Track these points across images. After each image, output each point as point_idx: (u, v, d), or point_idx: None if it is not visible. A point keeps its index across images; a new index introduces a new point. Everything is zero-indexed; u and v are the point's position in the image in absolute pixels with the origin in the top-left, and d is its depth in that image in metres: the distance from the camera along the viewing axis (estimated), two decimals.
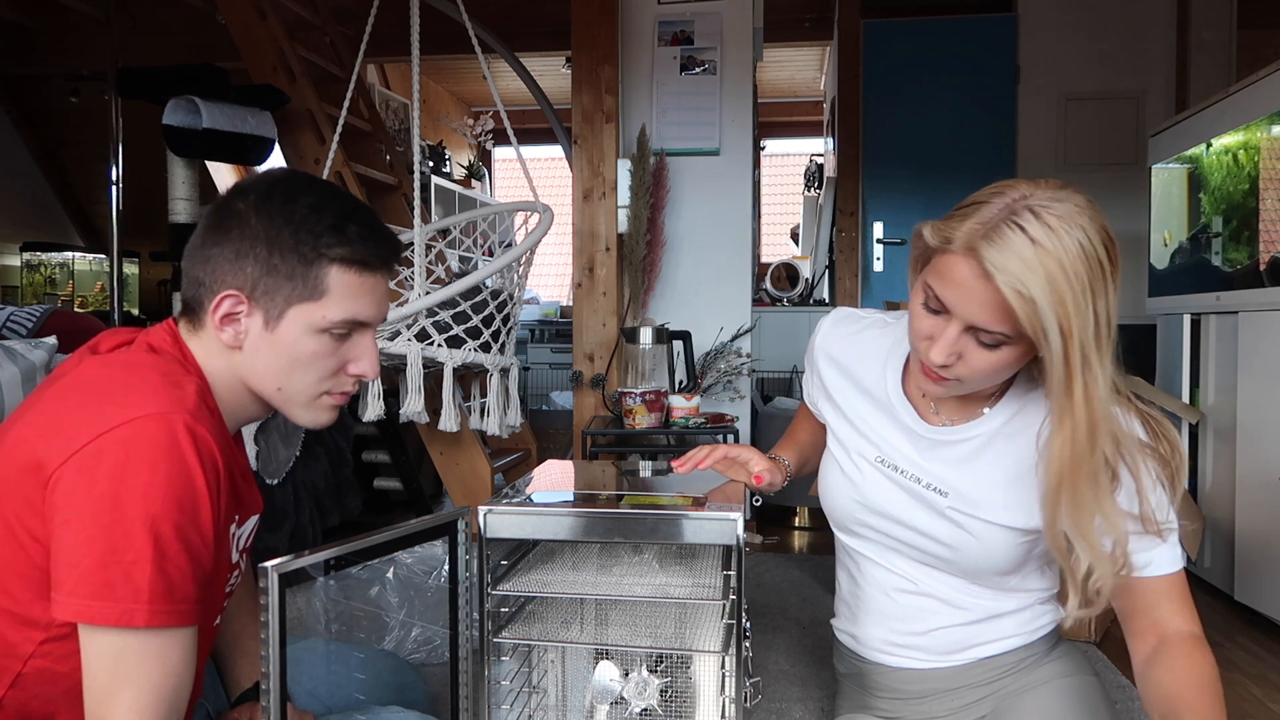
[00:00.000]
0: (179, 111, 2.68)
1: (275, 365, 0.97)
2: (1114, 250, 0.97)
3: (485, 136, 6.31)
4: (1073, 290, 0.92)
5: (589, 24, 3.02)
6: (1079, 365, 0.94)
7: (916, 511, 1.14)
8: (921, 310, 1.03)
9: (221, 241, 0.95)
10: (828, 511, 1.27)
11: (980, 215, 0.95)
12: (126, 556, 0.81)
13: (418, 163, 2.55)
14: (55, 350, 2.00)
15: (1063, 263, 0.92)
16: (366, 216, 1.00)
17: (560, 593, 1.12)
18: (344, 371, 1.02)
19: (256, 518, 1.08)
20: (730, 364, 3.10)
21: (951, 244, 0.97)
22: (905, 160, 4.17)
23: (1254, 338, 2.24)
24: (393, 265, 1.03)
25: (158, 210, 3.13)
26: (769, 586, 2.42)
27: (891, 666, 1.21)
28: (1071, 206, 0.94)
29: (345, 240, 0.96)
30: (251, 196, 0.96)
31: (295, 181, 0.99)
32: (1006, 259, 0.92)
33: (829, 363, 1.27)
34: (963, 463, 1.12)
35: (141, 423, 0.83)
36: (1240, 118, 2.30)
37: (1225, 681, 1.03)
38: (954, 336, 0.99)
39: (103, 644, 0.83)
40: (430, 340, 2.37)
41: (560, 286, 7.46)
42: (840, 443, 1.24)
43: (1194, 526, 2.37)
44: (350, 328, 0.99)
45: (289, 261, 0.94)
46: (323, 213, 0.96)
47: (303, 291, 0.95)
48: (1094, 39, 4.02)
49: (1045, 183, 0.98)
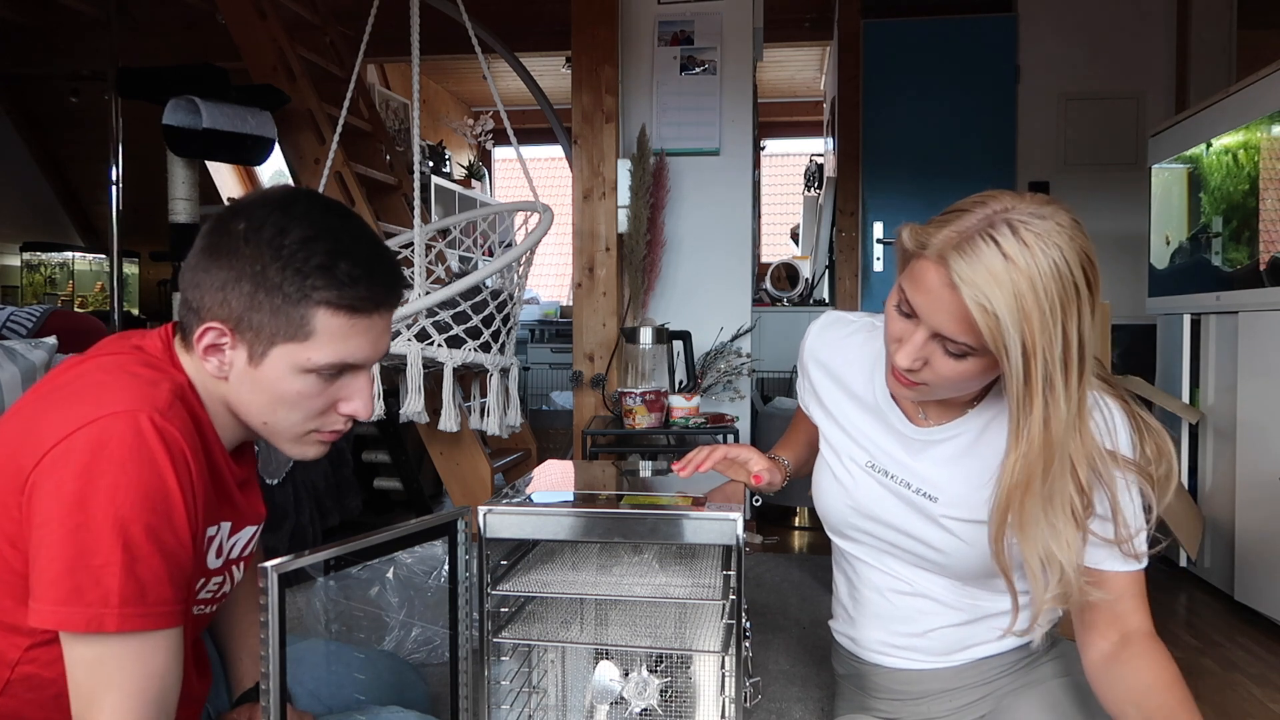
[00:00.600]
0: (179, 111, 2.68)
1: (259, 401, 0.94)
2: (1093, 273, 0.94)
3: (485, 136, 6.31)
4: (1041, 309, 0.90)
5: (589, 24, 3.02)
6: (1040, 385, 0.93)
7: (908, 516, 1.14)
8: (894, 312, 1.03)
9: (210, 267, 0.90)
10: (822, 516, 1.27)
11: (959, 224, 0.94)
12: (95, 560, 0.79)
13: (418, 163, 2.55)
14: (55, 350, 2.00)
15: (1033, 280, 0.90)
16: (364, 252, 0.93)
17: (560, 593, 1.13)
18: (334, 410, 0.97)
19: (254, 529, 1.07)
20: (730, 364, 3.10)
21: (926, 250, 0.96)
22: (905, 160, 4.17)
23: (1254, 338, 2.24)
24: (394, 304, 0.97)
25: (158, 210, 3.13)
26: (769, 586, 2.42)
27: (889, 667, 1.21)
28: (1052, 225, 0.92)
29: (334, 282, 0.89)
30: (243, 224, 0.90)
31: (292, 208, 0.91)
32: (974, 271, 0.91)
33: (818, 368, 1.27)
34: (951, 461, 1.12)
35: (107, 421, 0.81)
36: (1240, 118, 2.30)
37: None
38: (920, 342, 0.99)
39: (82, 650, 0.82)
40: (430, 340, 2.38)
41: (560, 286, 7.46)
42: (832, 447, 1.24)
43: (1194, 526, 2.37)
44: (340, 369, 0.94)
45: (274, 299, 0.89)
46: (313, 249, 0.89)
47: (287, 331, 0.90)
48: (1094, 39, 4.02)
49: (1031, 197, 0.96)
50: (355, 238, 0.93)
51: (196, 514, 0.88)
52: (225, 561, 1.02)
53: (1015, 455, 0.97)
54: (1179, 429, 2.55)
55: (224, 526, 0.99)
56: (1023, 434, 0.95)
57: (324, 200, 0.96)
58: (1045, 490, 0.97)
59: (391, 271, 0.96)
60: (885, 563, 1.19)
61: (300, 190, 0.95)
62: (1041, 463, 0.95)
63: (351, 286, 0.90)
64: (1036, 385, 0.93)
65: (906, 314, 1.00)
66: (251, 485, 1.06)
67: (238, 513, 1.01)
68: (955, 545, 1.11)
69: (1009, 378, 0.94)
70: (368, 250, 0.93)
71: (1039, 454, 0.95)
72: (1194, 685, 1.83)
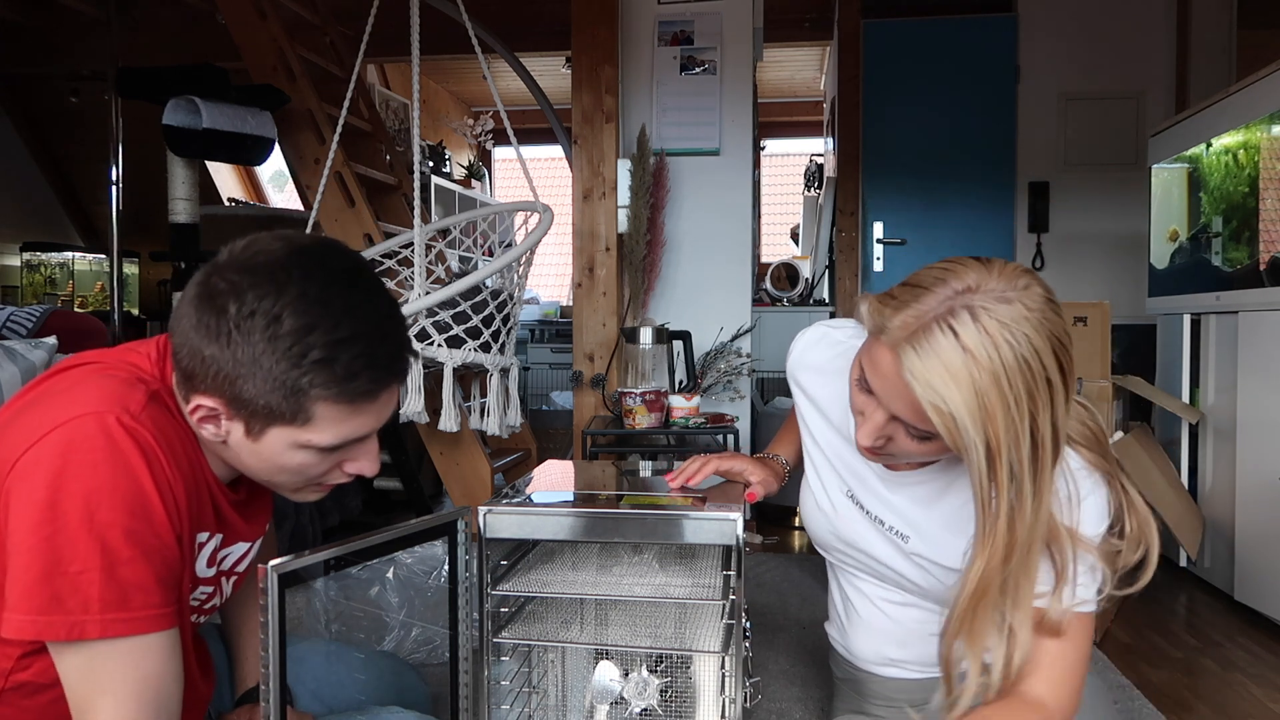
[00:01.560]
0: (179, 111, 2.68)
1: (260, 467, 0.90)
2: (1066, 359, 0.85)
3: (485, 136, 6.31)
4: (1006, 406, 0.82)
5: (589, 24, 3.02)
6: (1006, 485, 0.84)
7: (885, 549, 1.14)
8: (855, 385, 0.97)
9: (200, 344, 0.84)
10: (808, 534, 1.26)
11: (916, 307, 0.86)
12: (72, 567, 0.77)
13: (418, 163, 2.55)
14: (55, 350, 2.00)
15: (997, 375, 0.82)
16: (366, 333, 0.85)
17: (560, 593, 1.12)
18: (339, 469, 0.93)
19: (249, 545, 1.05)
20: (730, 364, 3.10)
21: (882, 335, 0.88)
22: (905, 160, 4.17)
23: (1254, 338, 2.24)
24: (401, 378, 0.91)
25: (158, 210, 3.13)
26: (769, 586, 2.42)
27: (885, 677, 1.20)
28: (1020, 309, 0.83)
29: (334, 378, 0.83)
30: (233, 306, 0.82)
31: (285, 288, 0.82)
32: (928, 368, 0.83)
33: (800, 391, 1.24)
34: (927, 502, 1.10)
35: (76, 423, 0.79)
36: (1240, 118, 2.30)
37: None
38: (881, 422, 0.93)
39: (70, 657, 0.81)
40: (430, 340, 2.37)
41: (560, 286, 7.45)
42: (816, 471, 1.22)
43: (1194, 526, 2.37)
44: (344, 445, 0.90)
45: (269, 390, 0.83)
46: (310, 342, 0.82)
47: (286, 417, 0.85)
48: (1094, 39, 4.02)
49: (1000, 270, 0.86)
50: (356, 317, 0.85)
51: (179, 514, 0.85)
52: (218, 573, 1.00)
53: (979, 563, 0.88)
54: (1179, 429, 2.55)
55: (216, 537, 0.97)
56: (988, 539, 0.87)
57: (319, 266, 0.85)
58: (1007, 592, 0.89)
59: (397, 349, 0.89)
60: (873, 580, 1.19)
61: (293, 254, 0.85)
62: (1001, 567, 0.87)
63: (352, 381, 0.85)
64: (1003, 485, 0.85)
65: (867, 390, 0.94)
66: (252, 506, 1.03)
67: (227, 526, 0.98)
68: (930, 581, 1.10)
69: (972, 478, 0.86)
70: (370, 330, 0.86)
71: (1001, 559, 0.87)
72: (1194, 685, 1.84)
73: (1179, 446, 2.55)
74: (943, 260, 0.90)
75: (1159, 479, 2.29)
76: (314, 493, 0.97)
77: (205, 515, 0.93)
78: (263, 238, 0.87)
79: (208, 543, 0.96)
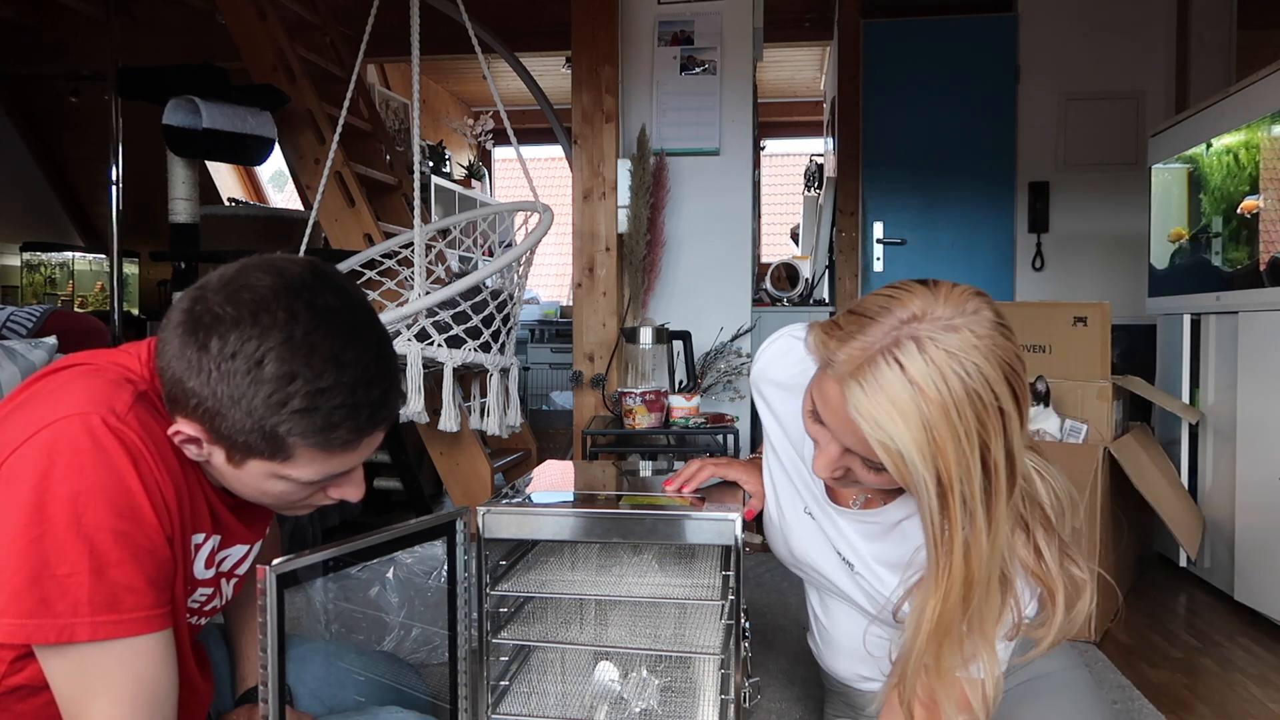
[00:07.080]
0: (179, 111, 2.68)
1: (242, 489, 0.90)
2: (1019, 384, 0.82)
3: (485, 136, 6.31)
4: (956, 439, 0.79)
5: (589, 24, 3.02)
6: (960, 518, 0.82)
7: (836, 571, 1.13)
8: (808, 416, 0.94)
9: (181, 373, 0.82)
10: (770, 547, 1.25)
11: (862, 339, 0.83)
12: (60, 569, 0.77)
13: (418, 163, 2.55)
14: (55, 350, 2.00)
15: (945, 408, 0.79)
16: (349, 381, 0.82)
17: (559, 593, 1.13)
18: (323, 493, 0.92)
19: (249, 546, 1.04)
20: (730, 364, 3.10)
21: (829, 368, 0.86)
22: (905, 160, 4.17)
23: (1254, 338, 2.24)
24: (386, 424, 0.89)
25: (158, 210, 3.13)
26: (769, 586, 2.42)
27: (868, 690, 1.20)
28: (968, 337, 0.80)
29: (314, 428, 0.82)
30: (215, 343, 0.80)
31: (270, 332, 0.80)
32: (874, 404, 0.80)
33: (763, 403, 1.21)
34: (869, 537, 1.09)
35: (61, 424, 0.79)
36: (1240, 118, 2.30)
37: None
38: (835, 455, 0.91)
39: (60, 661, 0.80)
40: (430, 340, 2.37)
41: (560, 286, 7.45)
42: (774, 487, 1.20)
43: (1194, 526, 2.37)
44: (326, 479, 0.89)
45: (249, 431, 0.82)
46: (290, 391, 0.80)
47: (266, 455, 0.84)
48: (1094, 39, 4.02)
49: (948, 294, 0.83)
50: (340, 364, 0.82)
51: (170, 514, 0.85)
52: (217, 574, 0.99)
53: (934, 601, 0.85)
54: (1179, 429, 2.55)
55: (214, 538, 0.96)
56: (943, 575, 0.84)
57: (307, 306, 0.82)
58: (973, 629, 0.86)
59: (381, 396, 0.86)
60: (837, 597, 1.18)
61: (281, 292, 0.82)
62: (961, 606, 0.84)
63: (332, 431, 0.83)
64: (956, 519, 0.82)
65: (819, 421, 0.92)
66: (251, 509, 1.02)
67: (224, 528, 0.97)
68: (879, 606, 1.08)
69: (922, 513, 0.84)
70: (353, 379, 0.83)
71: (960, 596, 0.84)
72: (1194, 685, 1.84)
73: (1179, 446, 2.55)
74: (888, 285, 0.88)
75: (1158, 479, 2.29)
76: (302, 510, 0.96)
77: (200, 516, 0.93)
78: (253, 266, 0.84)
79: (205, 544, 0.95)
